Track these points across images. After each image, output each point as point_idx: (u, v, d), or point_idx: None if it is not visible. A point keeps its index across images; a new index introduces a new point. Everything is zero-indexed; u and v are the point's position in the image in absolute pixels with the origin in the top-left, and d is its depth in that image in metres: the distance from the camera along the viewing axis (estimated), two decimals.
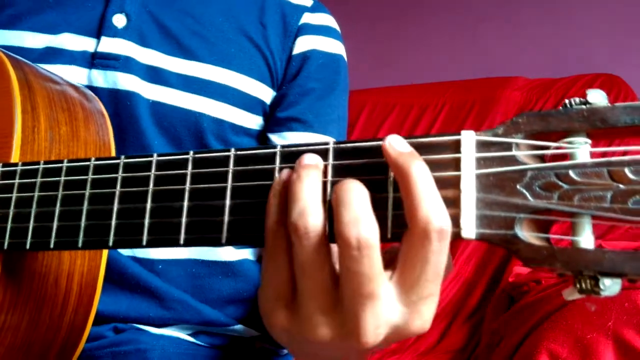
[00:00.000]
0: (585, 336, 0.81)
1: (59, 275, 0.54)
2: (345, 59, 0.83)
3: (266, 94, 0.76)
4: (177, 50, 0.71)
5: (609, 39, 1.91)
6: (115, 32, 0.69)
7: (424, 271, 0.33)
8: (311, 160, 0.36)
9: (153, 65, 0.70)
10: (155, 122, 0.69)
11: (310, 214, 0.34)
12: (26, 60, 0.60)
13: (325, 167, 0.37)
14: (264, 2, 0.78)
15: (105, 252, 0.59)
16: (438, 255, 0.33)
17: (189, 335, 0.71)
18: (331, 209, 0.35)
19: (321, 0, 0.86)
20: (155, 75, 0.69)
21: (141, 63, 0.69)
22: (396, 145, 0.35)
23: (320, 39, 0.79)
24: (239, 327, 0.73)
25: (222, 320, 0.71)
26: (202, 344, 0.72)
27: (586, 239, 0.32)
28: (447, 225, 0.33)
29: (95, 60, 0.68)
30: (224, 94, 0.72)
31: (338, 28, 0.84)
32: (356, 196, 0.34)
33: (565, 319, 0.86)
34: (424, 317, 0.35)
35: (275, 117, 0.76)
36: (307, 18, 0.79)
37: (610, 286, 0.31)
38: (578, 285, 0.32)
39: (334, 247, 0.35)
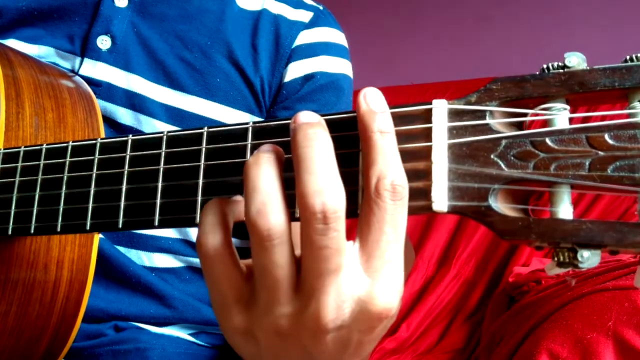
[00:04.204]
0: (585, 336, 0.81)
1: (48, 262, 0.54)
2: (350, 75, 0.77)
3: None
4: (162, 77, 0.68)
5: (609, 39, 1.90)
6: (98, 56, 0.67)
7: (383, 232, 0.31)
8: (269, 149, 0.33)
9: (136, 91, 0.67)
10: None
11: (270, 212, 0.31)
12: (12, 47, 0.60)
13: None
14: (258, 20, 0.73)
15: (96, 239, 0.58)
16: (394, 215, 0.31)
17: (189, 335, 0.71)
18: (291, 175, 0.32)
19: (321, 0, 0.80)
20: (137, 102, 0.67)
21: (123, 89, 0.67)
22: (370, 100, 0.32)
23: (316, 60, 0.74)
24: None
25: None
26: (202, 343, 0.72)
27: (564, 210, 0.30)
28: (401, 183, 0.31)
29: None
30: None
31: (342, 41, 0.78)
32: (324, 159, 0.31)
33: (565, 319, 0.86)
34: (388, 287, 0.32)
35: None
36: (303, 37, 0.74)
37: (588, 258, 0.29)
38: (556, 258, 0.30)
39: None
